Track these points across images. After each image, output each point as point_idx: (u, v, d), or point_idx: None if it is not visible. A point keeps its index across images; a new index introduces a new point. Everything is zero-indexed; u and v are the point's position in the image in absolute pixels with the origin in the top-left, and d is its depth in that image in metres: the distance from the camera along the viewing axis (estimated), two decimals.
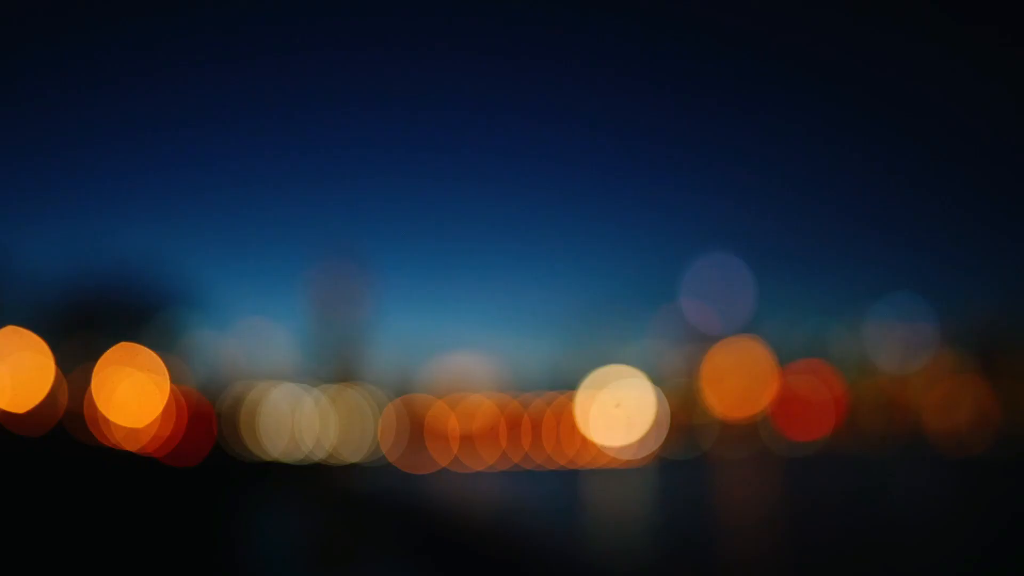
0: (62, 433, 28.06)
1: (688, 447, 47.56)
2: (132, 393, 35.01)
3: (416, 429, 45.58)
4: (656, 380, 48.75)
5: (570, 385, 48.01)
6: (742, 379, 48.12)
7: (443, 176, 56.15)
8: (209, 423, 36.97)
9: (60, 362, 32.87)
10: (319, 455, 40.72)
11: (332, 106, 52.47)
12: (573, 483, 34.88)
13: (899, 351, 46.69)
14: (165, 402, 35.35)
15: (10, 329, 32.86)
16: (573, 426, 46.96)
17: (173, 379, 36.14)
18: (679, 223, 56.14)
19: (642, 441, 46.93)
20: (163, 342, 36.82)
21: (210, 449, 34.20)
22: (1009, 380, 44.42)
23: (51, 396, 31.93)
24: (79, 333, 35.15)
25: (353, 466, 40.36)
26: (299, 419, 41.67)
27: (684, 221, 56.78)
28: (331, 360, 43.78)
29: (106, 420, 33.66)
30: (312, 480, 34.07)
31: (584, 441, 46.87)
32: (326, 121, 52.19)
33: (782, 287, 52.15)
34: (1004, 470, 32.05)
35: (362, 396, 43.39)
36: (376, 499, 24.61)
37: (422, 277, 57.72)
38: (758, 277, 49.06)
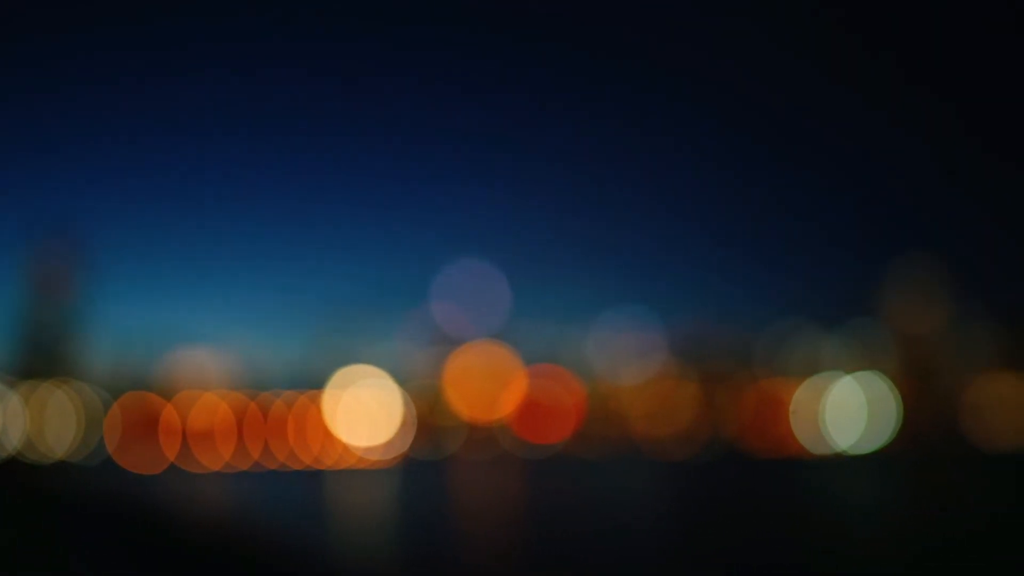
0: None
1: (434, 448, 47.93)
2: None
3: (145, 427, 43.32)
4: (404, 382, 48.95)
5: (316, 384, 47.29)
6: (486, 383, 49.00)
7: (182, 157, 53.38)
8: None
9: None
10: (9, 450, 37.72)
11: (45, 80, 48.99)
12: (317, 483, 34.26)
13: (626, 359, 49.07)
14: None
15: None
16: (319, 425, 46.23)
17: None
18: (431, 226, 56.57)
19: (389, 442, 46.86)
20: None
21: None
22: (721, 389, 47.75)
23: None
24: None
25: (62, 464, 37.76)
26: None
27: (437, 224, 57.26)
28: (37, 352, 40.51)
29: None
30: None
31: (330, 441, 46.25)
32: (41, 87, 48.69)
33: (529, 293, 53.66)
34: (712, 472, 34.49)
35: (73, 392, 40.67)
36: (84, 500, 23.02)
37: (154, 267, 53.99)
38: (510, 282, 50.19)
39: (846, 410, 46.04)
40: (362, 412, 47.00)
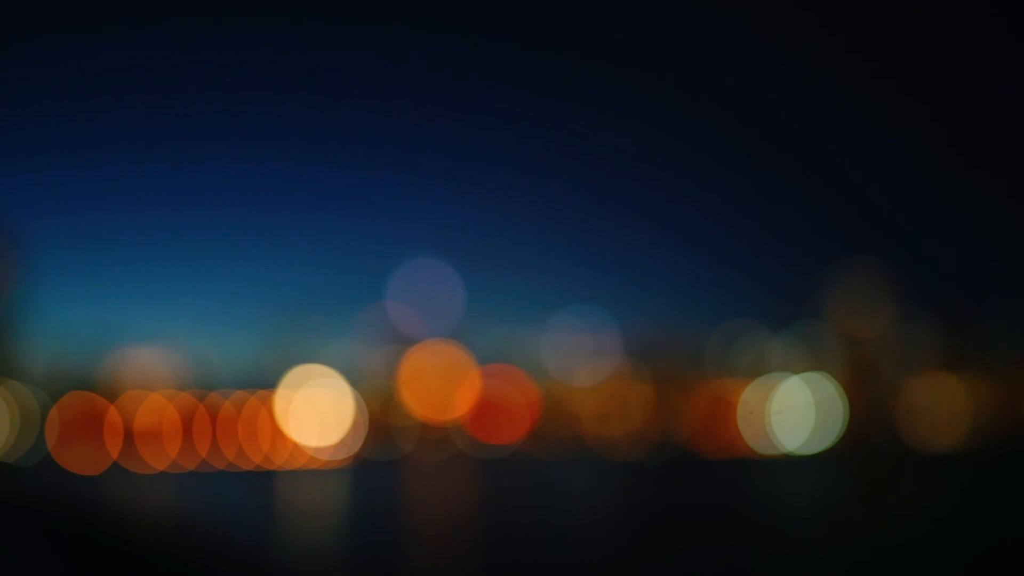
0: None
1: (388, 449, 47.96)
2: None
3: (87, 427, 42.76)
4: (357, 381, 48.89)
5: (268, 384, 47.07)
6: (440, 382, 49.12)
7: (126, 150, 52.21)
8: None
9: None
10: None
11: None
12: (266, 483, 34.16)
13: (579, 360, 49.52)
14: None
15: None
16: (269, 425, 46.05)
17: None
18: (386, 225, 56.48)
19: (340, 442, 46.82)
20: None
21: None
22: (673, 390, 48.41)
23: None
24: None
25: None
26: None
27: (391, 223, 57.17)
28: None
29: None
30: None
31: (281, 440, 46.10)
32: None
33: (483, 293, 53.83)
34: (660, 473, 35.09)
35: (7, 392, 39.99)
36: (16, 499, 22.76)
37: (98, 263, 52.09)
38: (464, 281, 50.32)
39: (793, 411, 46.87)
40: (313, 412, 46.90)
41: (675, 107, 52.17)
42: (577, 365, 49.36)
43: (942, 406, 45.85)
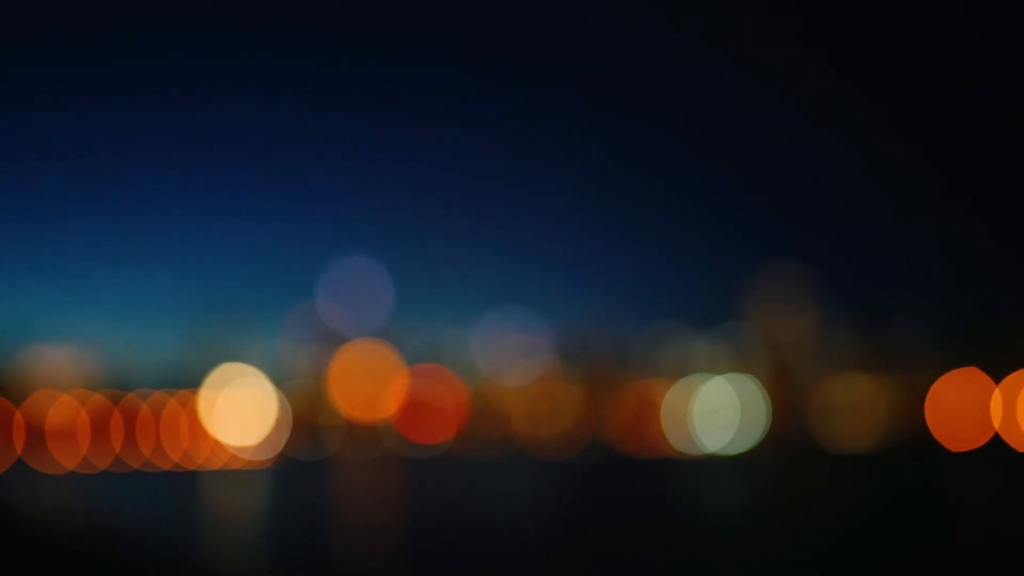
0: None
1: (315, 448, 47.73)
2: None
3: None
4: (285, 380, 48.52)
5: (190, 383, 46.42)
6: (368, 382, 49.06)
7: (41, 136, 50.04)
8: None
9: None
10: None
11: None
12: (184, 482, 33.79)
13: (510, 360, 49.91)
14: None
15: None
16: (189, 424, 45.47)
17: None
18: (315, 224, 56.04)
19: (263, 442, 46.46)
20: None
21: None
22: (601, 391, 49.11)
23: None
24: None
25: None
26: None
27: (321, 222, 56.72)
28: None
29: None
30: None
31: (201, 440, 45.56)
32: None
33: (413, 293, 53.78)
34: (587, 473, 35.71)
35: None
36: None
37: (4, 257, 49.01)
38: (393, 280, 50.28)
39: (717, 411, 47.82)
40: (235, 411, 46.47)
41: (605, 108, 52.83)
42: (507, 365, 49.71)
43: (858, 407, 47.30)
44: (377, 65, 52.38)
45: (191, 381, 46.57)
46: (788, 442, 46.33)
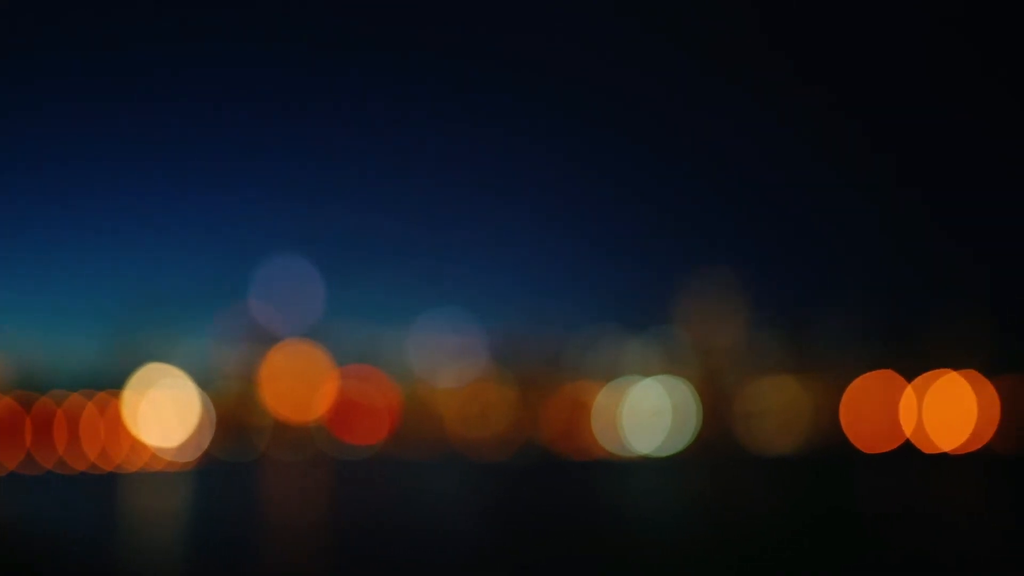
0: None
1: (243, 449, 47.19)
2: None
3: None
4: (213, 379, 47.84)
5: (111, 385, 45.39)
6: (299, 382, 48.63)
7: None
8: None
9: None
10: None
11: None
12: (105, 485, 33.17)
13: (443, 362, 49.89)
14: None
15: None
16: (109, 426, 44.54)
17: None
18: (246, 223, 55.18)
19: (187, 443, 45.72)
20: None
21: None
22: (535, 392, 49.37)
23: None
24: None
25: None
26: None
27: (252, 221, 55.86)
28: None
29: None
30: None
31: (122, 440, 44.68)
32: None
33: (348, 294, 53.34)
34: (525, 473, 35.87)
35: None
36: None
37: None
38: (324, 281, 49.85)
39: (647, 413, 48.35)
40: (157, 412, 45.70)
41: (537, 111, 53.04)
42: (441, 367, 49.65)
43: (780, 410, 48.22)
44: (308, 64, 51.85)
45: (113, 383, 45.62)
46: (715, 445, 47.04)
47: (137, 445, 44.84)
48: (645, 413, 48.17)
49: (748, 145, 50.95)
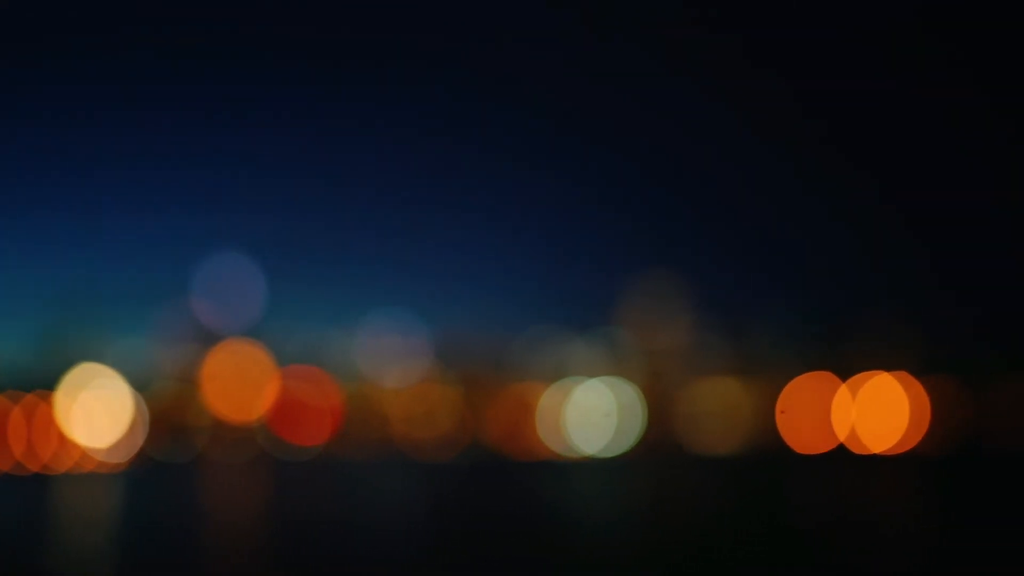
0: None
1: (180, 450, 46.53)
2: None
3: None
4: (151, 379, 47.11)
5: (40, 386, 44.38)
6: (240, 382, 48.09)
7: None
8: None
9: None
10: None
11: None
12: (41, 488, 32.49)
13: (388, 362, 49.68)
14: None
15: None
16: (36, 427, 43.59)
17: None
18: (186, 222, 54.26)
19: (118, 443, 44.91)
20: None
21: None
22: (480, 393, 49.38)
23: None
24: None
25: None
26: None
27: (190, 216, 54.90)
28: None
29: None
30: None
31: (51, 441, 43.75)
32: None
33: (291, 294, 52.82)
34: (469, 473, 35.86)
35: None
36: None
37: None
38: (267, 280, 49.32)
39: (592, 414, 48.60)
40: (90, 413, 44.86)
41: (483, 113, 53.00)
42: (385, 367, 49.44)
43: (721, 411, 48.79)
44: (250, 66, 51.25)
45: (43, 383, 44.62)
46: (659, 445, 47.44)
47: (68, 446, 43.98)
48: (590, 414, 48.40)
49: (692, 151, 51.43)
